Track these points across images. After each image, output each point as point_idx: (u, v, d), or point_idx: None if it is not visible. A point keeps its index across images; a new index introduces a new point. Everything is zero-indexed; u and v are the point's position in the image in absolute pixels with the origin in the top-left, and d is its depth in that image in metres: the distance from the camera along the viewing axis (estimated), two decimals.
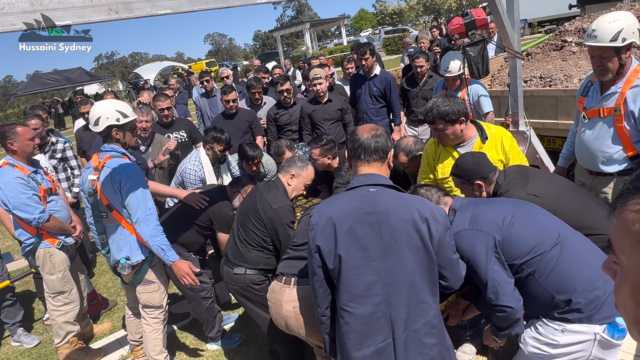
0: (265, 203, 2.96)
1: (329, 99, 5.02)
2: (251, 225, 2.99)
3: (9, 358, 4.08)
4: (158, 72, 31.38)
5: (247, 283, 2.97)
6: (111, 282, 5.28)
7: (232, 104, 4.95)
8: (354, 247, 1.78)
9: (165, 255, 2.88)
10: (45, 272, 3.59)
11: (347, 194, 1.89)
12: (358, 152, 1.92)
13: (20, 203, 3.35)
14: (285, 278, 2.44)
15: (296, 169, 3.14)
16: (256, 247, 2.98)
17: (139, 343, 3.48)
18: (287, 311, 2.37)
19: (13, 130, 3.44)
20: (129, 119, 2.99)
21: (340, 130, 5.10)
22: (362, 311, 1.78)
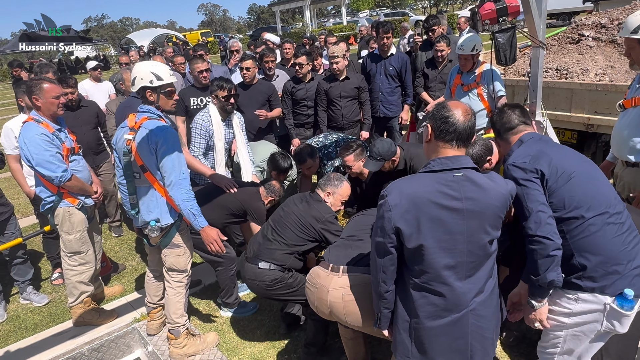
0: (316, 213, 3.13)
1: (347, 76, 5.00)
2: (294, 229, 3.11)
3: (18, 315, 4.08)
4: (152, 39, 30.64)
5: (270, 279, 3.03)
6: (118, 246, 5.27)
7: (245, 72, 4.85)
8: (439, 232, 1.82)
9: (195, 220, 2.90)
10: (64, 231, 3.58)
11: (429, 177, 1.87)
12: (451, 137, 1.86)
13: (43, 160, 3.31)
14: (333, 266, 2.47)
15: (332, 187, 3.29)
16: (289, 248, 3.09)
17: (157, 306, 3.51)
18: (335, 298, 2.40)
19: (39, 86, 3.37)
20: (163, 82, 2.96)
21: (355, 108, 5.10)
22: (445, 290, 1.86)
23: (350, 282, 2.39)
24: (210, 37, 34.24)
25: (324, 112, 5.08)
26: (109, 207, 5.49)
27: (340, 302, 2.39)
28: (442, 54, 5.36)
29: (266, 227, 3.24)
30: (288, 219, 3.17)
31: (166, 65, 3.10)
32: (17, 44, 28.43)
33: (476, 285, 1.88)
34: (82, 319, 3.76)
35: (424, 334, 1.92)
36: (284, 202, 3.40)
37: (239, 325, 3.62)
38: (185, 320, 3.26)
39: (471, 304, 1.87)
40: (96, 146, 5.03)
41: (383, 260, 1.93)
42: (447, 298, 1.86)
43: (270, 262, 3.04)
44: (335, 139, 4.56)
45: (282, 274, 3.04)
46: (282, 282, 3.03)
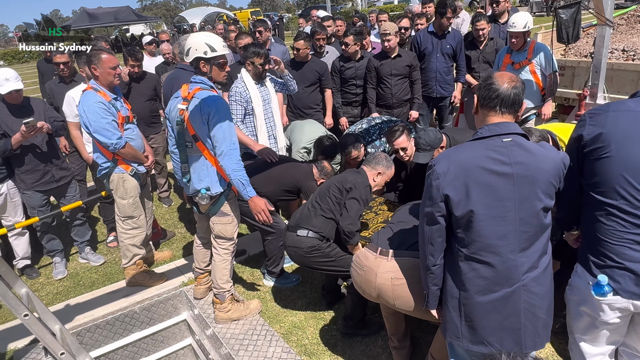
0: (354, 179, 3.19)
1: (399, 54, 4.90)
2: (332, 196, 3.15)
3: (77, 273, 4.36)
4: (203, 17, 31.13)
5: (308, 246, 3.07)
6: (168, 214, 5.50)
7: (295, 52, 4.86)
8: (489, 198, 1.78)
9: (244, 190, 2.97)
10: (118, 196, 3.76)
11: (476, 144, 1.85)
12: (494, 103, 1.83)
13: (100, 127, 3.47)
14: (381, 249, 2.47)
15: (383, 167, 3.30)
16: (327, 214, 3.13)
17: (204, 272, 3.65)
18: (384, 280, 2.40)
19: (98, 56, 3.51)
20: (217, 54, 3.02)
21: (406, 87, 5.01)
22: (495, 260, 1.82)
23: (399, 266, 2.38)
24: (260, 15, 34.36)
25: (373, 89, 5.02)
26: (159, 178, 5.71)
27: (389, 286, 2.39)
28: (483, 33, 5.13)
29: (312, 198, 3.30)
30: (328, 189, 3.21)
31: (220, 37, 3.14)
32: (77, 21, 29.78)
33: (529, 260, 1.82)
34: (135, 280, 3.97)
35: (473, 311, 1.88)
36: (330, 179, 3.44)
37: (281, 294, 3.71)
38: (230, 286, 3.37)
39: (524, 278, 1.82)
40: (149, 118, 5.21)
41: (431, 231, 1.91)
42: (498, 270, 1.82)
43: (308, 230, 3.09)
44: (378, 125, 4.47)
45: (319, 242, 3.08)
46: (319, 251, 3.06)
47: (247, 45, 4.18)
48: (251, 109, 3.99)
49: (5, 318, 3.79)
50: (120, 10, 28.76)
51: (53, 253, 4.35)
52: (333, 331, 3.25)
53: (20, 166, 3.96)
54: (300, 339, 3.21)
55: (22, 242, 4.29)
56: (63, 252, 4.43)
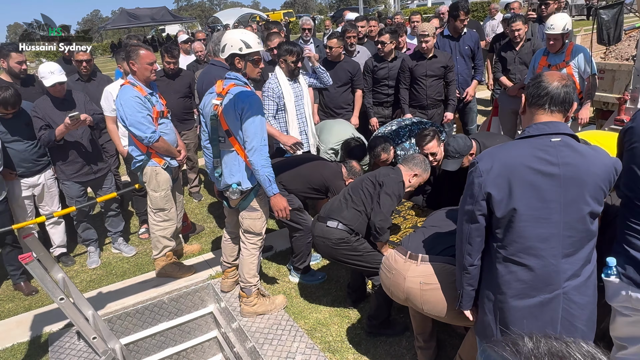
0: (388, 174, 3.21)
1: (434, 54, 4.85)
2: (364, 189, 3.16)
3: (110, 262, 4.49)
4: (237, 18, 31.55)
5: (337, 237, 3.07)
6: (198, 209, 5.60)
7: (328, 51, 4.89)
8: (533, 198, 1.74)
9: (270, 186, 3.02)
10: (150, 188, 3.86)
11: (523, 142, 1.81)
12: (543, 100, 1.79)
13: (135, 121, 3.57)
14: (411, 253, 2.45)
15: (420, 169, 3.29)
16: (358, 207, 3.13)
17: (231, 265, 3.70)
18: (412, 284, 2.39)
19: (136, 52, 3.61)
20: (251, 50, 3.06)
21: (440, 88, 4.95)
22: (534, 263, 1.77)
23: (429, 271, 2.36)
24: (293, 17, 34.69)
25: (406, 90, 4.97)
26: (190, 173, 5.83)
27: (418, 290, 2.37)
28: (519, 34, 5.02)
29: (344, 192, 3.30)
30: (362, 182, 3.22)
31: (255, 34, 3.19)
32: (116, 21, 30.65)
33: (573, 267, 1.76)
34: (164, 271, 4.06)
35: (508, 316, 1.83)
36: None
37: (306, 291, 3.73)
38: (257, 281, 3.41)
39: (565, 286, 1.76)
40: (182, 114, 5.32)
41: (470, 229, 1.87)
42: (537, 274, 1.76)
43: (338, 221, 3.09)
44: (408, 127, 4.43)
45: (348, 235, 3.08)
46: (348, 244, 3.06)
47: (280, 44, 4.23)
48: (283, 105, 4.04)
49: (42, 302, 3.93)
50: (157, 11, 29.42)
51: (88, 242, 4.50)
52: (357, 329, 3.24)
53: (61, 157, 4.13)
54: (324, 336, 3.22)
55: (59, 231, 4.45)
56: (97, 242, 4.57)
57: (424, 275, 2.36)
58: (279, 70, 4.09)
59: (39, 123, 3.95)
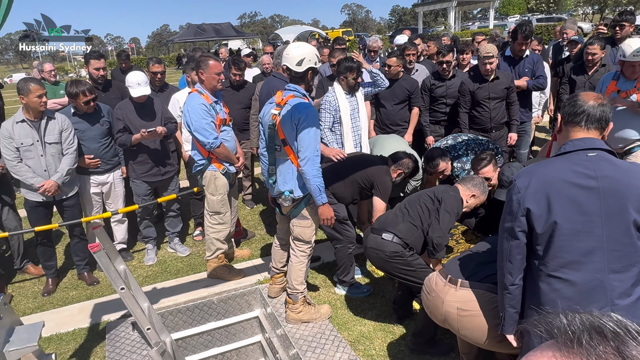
0: (447, 191, 3.21)
1: (496, 76, 4.75)
2: (422, 204, 3.17)
3: (165, 260, 4.71)
4: (297, 35, 32.45)
5: (391, 250, 3.07)
6: (250, 216, 5.76)
7: (387, 69, 4.94)
8: (573, 212, 1.73)
9: (319, 196, 3.11)
10: (209, 192, 4.04)
11: (560, 158, 1.81)
12: (579, 118, 1.80)
13: (200, 127, 3.76)
14: (451, 277, 2.44)
15: (479, 191, 3.27)
16: (414, 221, 3.13)
17: (280, 272, 3.79)
18: (450, 309, 2.39)
19: (206, 62, 3.83)
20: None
21: (503, 110, 4.82)
22: (578, 278, 1.74)
23: (467, 297, 2.34)
24: (351, 35, 35.11)
25: (466, 114, 4.88)
26: (246, 181, 6.02)
27: (455, 315, 2.37)
28: (593, 58, 4.85)
29: (401, 205, 3.31)
30: (419, 197, 3.22)
31: None
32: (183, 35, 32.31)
33: (622, 285, 1.70)
34: (215, 273, 4.21)
35: None
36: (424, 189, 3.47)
37: (352, 303, 3.74)
38: (303, 289, 3.47)
39: (614, 304, 1.70)
40: (242, 124, 5.53)
41: (510, 247, 1.86)
42: (581, 289, 1.72)
43: (394, 234, 3.10)
44: (465, 141, 4.39)
45: (403, 249, 3.07)
46: (401, 258, 3.06)
47: (340, 61, 4.34)
48: (339, 118, 4.13)
49: (102, 293, 4.18)
50: (222, 26, 30.87)
51: (147, 239, 4.75)
52: (401, 346, 3.21)
53: (133, 157, 4.44)
54: (367, 349, 3.22)
55: (121, 229, 4.73)
56: (155, 240, 4.81)
57: (462, 301, 2.35)
58: (337, 85, 4.20)
59: (119, 125, 4.27)
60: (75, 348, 3.45)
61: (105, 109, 4.37)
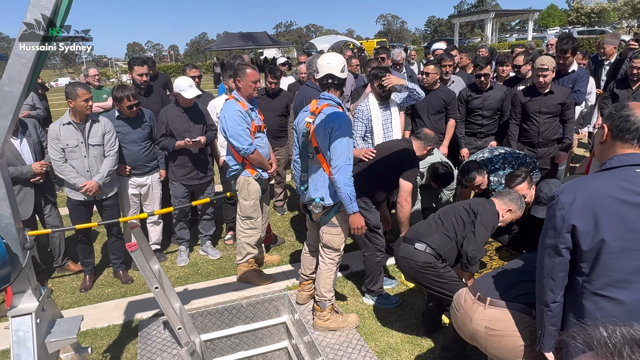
0: (484, 204, 3.17)
1: (551, 90, 4.60)
2: (457, 215, 3.13)
3: (197, 262, 4.81)
4: (331, 44, 32.67)
5: (424, 260, 3.04)
6: (280, 222, 5.82)
7: (425, 77, 4.94)
8: (621, 229, 1.68)
9: (350, 204, 3.12)
10: (241, 197, 4.11)
11: (605, 174, 1.77)
12: (632, 135, 1.74)
13: (235, 133, 3.85)
14: (480, 295, 2.41)
15: (515, 206, 3.21)
16: (449, 232, 3.09)
17: (308, 278, 3.81)
18: (478, 327, 2.36)
19: (244, 70, 3.93)
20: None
21: (555, 126, 4.68)
22: (626, 297, 1.70)
23: (496, 316, 2.30)
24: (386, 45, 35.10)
25: (517, 125, 4.79)
26: (277, 187, 6.09)
27: (483, 334, 2.34)
28: (638, 72, 4.69)
29: (435, 217, 3.28)
30: (454, 209, 3.19)
31: None
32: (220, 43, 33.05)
33: None
34: (245, 277, 4.27)
35: None
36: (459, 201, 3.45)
37: (380, 314, 3.72)
38: (331, 296, 3.48)
39: None
40: (276, 131, 5.62)
41: (553, 264, 1.81)
42: (629, 308, 1.67)
43: (427, 244, 3.07)
44: (502, 155, 4.30)
45: (435, 260, 3.04)
46: (433, 269, 3.02)
47: (373, 69, 4.38)
48: (371, 128, 4.15)
49: (135, 291, 4.31)
50: (258, 35, 31.41)
51: (181, 241, 4.87)
52: (429, 359, 3.17)
53: (174, 160, 4.58)
54: None
55: (156, 230, 4.86)
56: (188, 242, 4.92)
57: (490, 320, 2.31)
58: (372, 95, 4.22)
59: (163, 129, 4.43)
60: (109, 343, 3.56)
61: (147, 113, 4.53)
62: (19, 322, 2.19)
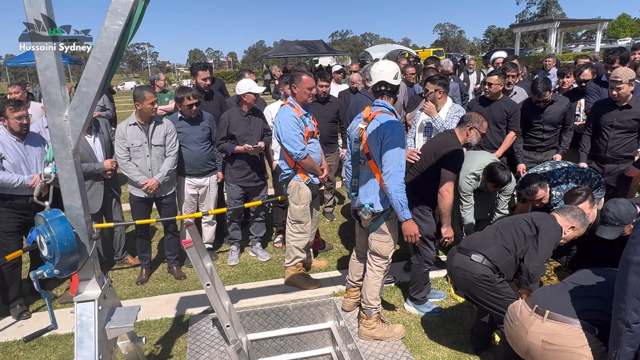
0: (546, 219, 3.06)
1: (628, 104, 4.35)
2: (517, 228, 3.02)
3: (246, 263, 4.93)
4: (386, 53, 32.50)
5: (480, 273, 2.94)
6: (329, 228, 5.85)
7: (487, 87, 4.81)
8: None
9: (402, 212, 3.10)
10: (292, 201, 4.17)
11: None
12: None
13: (289, 137, 3.93)
14: (538, 307, 2.33)
15: (579, 223, 3.09)
16: (508, 245, 2.98)
17: (355, 285, 3.80)
18: (534, 340, 2.28)
19: (299, 76, 4.01)
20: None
21: (629, 143, 4.43)
22: None
23: (555, 330, 2.21)
24: (442, 55, 34.50)
25: (589, 137, 4.62)
26: (327, 193, 6.13)
27: (539, 348, 2.25)
28: None
29: (492, 228, 3.19)
30: (514, 221, 3.07)
31: None
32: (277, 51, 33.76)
33: None
34: (292, 280, 4.33)
35: None
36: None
37: (427, 326, 3.65)
38: (378, 305, 3.45)
39: None
40: (327, 137, 5.66)
41: (639, 282, 1.73)
42: None
43: (484, 256, 2.96)
44: (565, 169, 4.11)
45: (492, 273, 2.93)
46: (490, 283, 2.92)
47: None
48: (414, 134, 4.25)
49: (187, 287, 4.47)
50: (314, 43, 31.86)
51: (233, 241, 5.01)
52: None
53: (232, 162, 4.74)
54: None
55: (210, 230, 5.02)
56: (239, 243, 5.05)
57: (548, 334, 2.22)
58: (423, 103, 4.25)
59: (224, 132, 4.60)
60: (160, 336, 3.71)
61: (207, 116, 4.71)
62: (83, 308, 2.34)
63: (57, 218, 2.12)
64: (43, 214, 2.13)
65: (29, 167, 3.98)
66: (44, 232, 2.10)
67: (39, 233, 2.12)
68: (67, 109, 2.08)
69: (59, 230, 2.09)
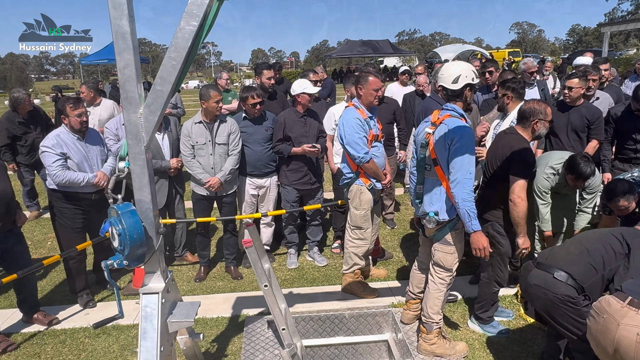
0: None
1: None
2: (607, 245, 2.66)
3: (303, 267, 4.88)
4: (457, 54, 31.40)
5: (564, 293, 2.60)
6: (390, 236, 5.67)
7: (567, 92, 4.44)
8: None
9: (470, 222, 2.90)
10: (353, 206, 4.06)
11: None
12: None
13: (352, 140, 3.81)
14: (632, 299, 2.07)
15: None
16: (595, 264, 2.63)
17: (416, 297, 3.61)
18: (627, 333, 2.02)
19: (366, 78, 3.89)
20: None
21: None
22: None
23: None
24: (519, 56, 32.69)
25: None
26: (387, 200, 5.94)
27: (633, 342, 2.01)
28: None
29: (570, 242, 2.88)
30: (603, 236, 2.73)
31: None
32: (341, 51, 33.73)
33: None
34: (349, 287, 4.21)
35: None
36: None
37: (492, 347, 3.39)
38: (439, 319, 3.26)
39: None
40: (385, 140, 5.48)
41: None
42: None
43: (568, 275, 2.61)
44: None
45: (578, 294, 2.59)
46: (575, 306, 2.57)
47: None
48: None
49: (244, 288, 4.48)
50: (379, 43, 31.49)
51: (290, 244, 4.97)
52: None
53: (287, 165, 4.71)
54: None
55: (268, 232, 5.02)
56: (297, 246, 5.01)
57: None
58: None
59: (280, 134, 4.58)
60: (216, 334, 3.73)
61: (271, 116, 4.72)
62: (148, 299, 2.38)
63: (128, 211, 2.18)
64: (116, 207, 2.19)
65: (91, 165, 4.12)
66: (116, 224, 2.16)
67: (112, 225, 2.18)
68: (142, 106, 2.12)
69: (129, 223, 2.14)
